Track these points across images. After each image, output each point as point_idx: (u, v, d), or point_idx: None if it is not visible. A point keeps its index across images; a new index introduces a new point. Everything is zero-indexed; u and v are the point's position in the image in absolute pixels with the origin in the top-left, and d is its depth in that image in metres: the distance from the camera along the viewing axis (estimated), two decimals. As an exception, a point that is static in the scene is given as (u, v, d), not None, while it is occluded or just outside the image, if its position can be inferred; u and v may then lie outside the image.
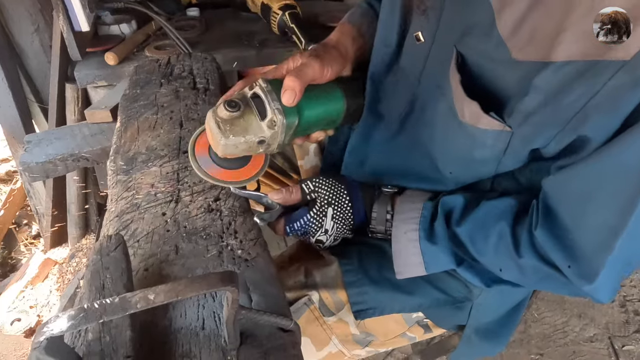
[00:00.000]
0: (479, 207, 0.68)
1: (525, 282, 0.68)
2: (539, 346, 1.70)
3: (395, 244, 0.74)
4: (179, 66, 1.09)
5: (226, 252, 0.62)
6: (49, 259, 1.93)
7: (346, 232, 0.79)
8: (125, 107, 0.94)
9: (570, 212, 0.58)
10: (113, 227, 0.67)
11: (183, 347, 0.49)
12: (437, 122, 0.69)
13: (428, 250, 0.71)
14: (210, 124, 0.65)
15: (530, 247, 0.62)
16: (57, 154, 1.08)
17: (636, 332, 1.75)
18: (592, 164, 0.54)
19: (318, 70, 0.69)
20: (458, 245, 0.70)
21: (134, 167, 0.77)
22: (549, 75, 0.51)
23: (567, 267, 0.59)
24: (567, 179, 0.58)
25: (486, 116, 0.58)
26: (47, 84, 1.65)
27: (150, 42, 1.61)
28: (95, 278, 0.52)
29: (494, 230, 0.65)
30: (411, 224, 0.72)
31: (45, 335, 0.37)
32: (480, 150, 0.63)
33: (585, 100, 0.50)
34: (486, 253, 0.67)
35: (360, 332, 0.84)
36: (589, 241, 0.57)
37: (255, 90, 0.67)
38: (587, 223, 0.56)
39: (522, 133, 0.58)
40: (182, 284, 0.40)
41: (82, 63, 1.49)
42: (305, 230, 0.78)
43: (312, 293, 0.81)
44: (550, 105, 0.53)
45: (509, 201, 0.67)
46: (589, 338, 1.73)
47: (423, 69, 0.69)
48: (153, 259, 0.61)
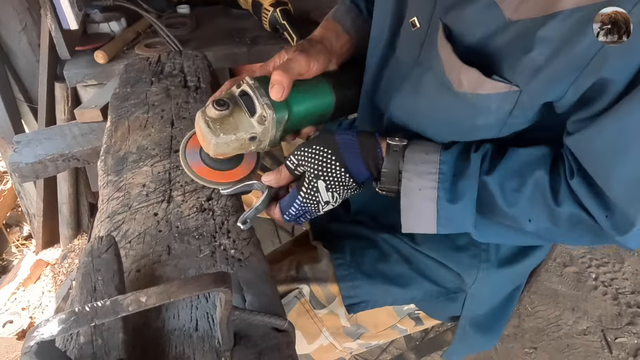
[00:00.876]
0: (510, 155, 0.64)
1: (554, 232, 0.64)
2: (532, 340, 1.72)
3: (406, 199, 0.67)
4: (170, 64, 1.08)
5: (219, 251, 0.62)
6: (40, 260, 1.92)
7: (352, 192, 0.71)
8: (115, 106, 0.93)
9: (600, 168, 0.57)
10: (104, 228, 0.66)
11: (176, 349, 0.49)
12: (423, 97, 0.68)
13: (445, 211, 0.66)
14: (200, 124, 0.65)
15: (569, 195, 0.60)
16: (47, 154, 1.07)
17: (628, 324, 1.76)
18: (616, 117, 0.52)
19: (304, 64, 0.70)
20: (485, 197, 0.65)
21: (125, 167, 0.76)
22: (557, 26, 0.50)
23: (604, 217, 0.58)
24: (592, 136, 0.56)
25: (489, 80, 0.57)
26: (36, 83, 1.63)
27: (140, 40, 1.60)
28: (87, 280, 0.51)
29: (531, 179, 0.62)
30: (428, 180, 0.65)
31: (36, 340, 0.37)
32: (483, 117, 0.61)
33: (601, 44, 0.49)
34: (517, 202, 0.63)
35: (351, 325, 0.84)
36: (622, 194, 0.56)
37: (243, 88, 0.67)
38: (618, 175, 0.55)
39: (533, 89, 0.56)
40: (175, 285, 0.40)
41: (72, 62, 1.48)
42: (305, 211, 0.71)
43: (302, 286, 0.81)
44: (561, 56, 0.52)
45: (544, 149, 0.64)
46: (582, 331, 1.75)
47: (418, 57, 0.68)
48: (145, 260, 0.60)
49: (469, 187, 0.64)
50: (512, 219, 0.64)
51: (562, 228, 0.63)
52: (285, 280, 0.82)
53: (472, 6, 0.57)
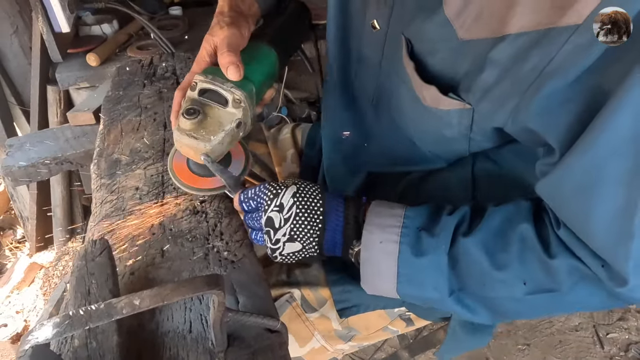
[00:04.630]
0: (489, 214, 0.61)
1: (557, 289, 0.57)
2: (525, 337, 1.73)
3: (365, 252, 0.63)
4: (162, 66, 1.08)
5: (212, 254, 0.62)
6: (34, 263, 1.91)
7: (309, 241, 0.65)
8: (108, 109, 0.93)
9: (575, 214, 0.52)
10: (98, 232, 0.66)
11: (170, 351, 0.49)
12: (404, 108, 0.70)
13: (406, 267, 0.62)
14: (184, 141, 0.65)
15: (561, 246, 0.55)
16: (40, 157, 1.06)
17: (619, 320, 1.78)
18: (578, 155, 0.49)
19: (239, 36, 0.70)
20: (468, 264, 0.60)
21: (118, 170, 0.76)
22: (505, 48, 0.52)
23: (600, 267, 0.52)
24: (557, 180, 0.53)
25: (445, 98, 0.59)
26: (28, 86, 1.63)
27: (133, 42, 1.60)
28: (81, 284, 0.52)
29: (515, 235, 0.57)
30: (389, 233, 0.62)
31: (31, 344, 0.37)
32: (448, 130, 0.63)
33: (542, 67, 0.50)
34: (510, 264, 0.57)
35: (342, 328, 0.84)
36: (605, 236, 0.50)
37: (199, 87, 0.66)
38: (596, 218, 0.50)
39: (483, 109, 0.58)
40: (168, 288, 0.40)
41: (64, 64, 1.48)
42: (257, 203, 0.66)
43: (293, 290, 0.81)
44: (508, 78, 0.53)
45: (522, 203, 0.61)
46: (574, 327, 1.76)
47: (382, 57, 0.72)
48: (139, 263, 0.61)
49: (435, 247, 0.60)
50: (505, 285, 0.59)
51: (564, 286, 0.56)
52: (276, 284, 0.82)
53: (429, 23, 0.58)
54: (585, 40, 0.47)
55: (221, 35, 0.69)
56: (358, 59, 0.79)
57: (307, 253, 0.67)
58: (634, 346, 1.69)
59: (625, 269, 0.50)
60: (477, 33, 0.54)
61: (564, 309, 0.62)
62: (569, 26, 0.47)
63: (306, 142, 1.04)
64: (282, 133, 1.08)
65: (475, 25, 0.54)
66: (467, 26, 0.55)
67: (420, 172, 0.79)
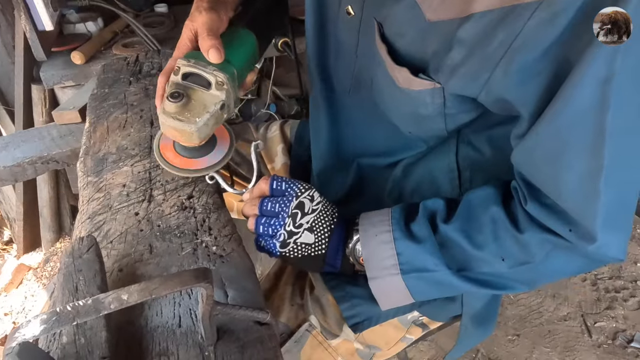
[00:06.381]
0: (462, 202, 0.67)
1: (533, 265, 0.63)
2: (515, 327, 1.75)
3: (365, 249, 0.69)
4: (148, 64, 1.07)
5: (201, 249, 0.62)
6: (22, 265, 1.89)
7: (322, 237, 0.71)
8: (94, 107, 0.93)
9: (546, 178, 0.57)
10: (85, 229, 0.66)
11: (160, 346, 0.49)
12: (383, 90, 0.71)
13: (404, 249, 0.66)
14: (170, 123, 0.65)
15: (529, 221, 0.60)
16: (26, 157, 1.05)
17: (607, 308, 1.81)
18: (546, 123, 0.53)
19: (218, 20, 0.71)
20: (452, 249, 0.65)
21: (105, 168, 0.76)
22: (471, 27, 0.53)
23: (568, 230, 0.57)
24: (529, 148, 0.56)
25: (415, 78, 0.60)
26: (11, 85, 1.61)
27: (118, 40, 1.58)
28: (68, 281, 0.52)
29: (487, 217, 0.63)
30: (381, 226, 0.68)
31: (18, 341, 0.37)
32: (423, 108, 0.65)
33: (509, 42, 0.51)
34: (486, 243, 0.63)
35: (363, 347, 0.83)
36: (574, 197, 0.55)
37: (182, 71, 0.67)
38: (565, 181, 0.54)
39: (453, 86, 0.59)
40: (156, 282, 0.40)
41: (48, 63, 1.46)
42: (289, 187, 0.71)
43: (310, 317, 0.80)
44: (476, 55, 0.54)
45: (490, 188, 0.66)
46: (563, 317, 1.79)
47: (358, 43, 0.73)
48: (127, 259, 0.61)
49: (423, 229, 0.67)
50: (486, 263, 0.64)
51: (537, 257, 0.61)
52: (292, 313, 0.81)
53: (398, 6, 0.60)
54: (548, 14, 0.48)
55: (200, 20, 0.70)
56: (336, 47, 0.79)
57: (315, 250, 0.71)
58: (621, 334, 1.72)
59: (594, 227, 0.54)
60: (444, 14, 0.55)
61: (546, 278, 0.67)
62: (532, 2, 0.49)
63: (295, 139, 1.04)
64: (271, 130, 1.08)
65: (442, 7, 0.55)
66: (434, 8, 0.56)
67: (404, 165, 0.80)
